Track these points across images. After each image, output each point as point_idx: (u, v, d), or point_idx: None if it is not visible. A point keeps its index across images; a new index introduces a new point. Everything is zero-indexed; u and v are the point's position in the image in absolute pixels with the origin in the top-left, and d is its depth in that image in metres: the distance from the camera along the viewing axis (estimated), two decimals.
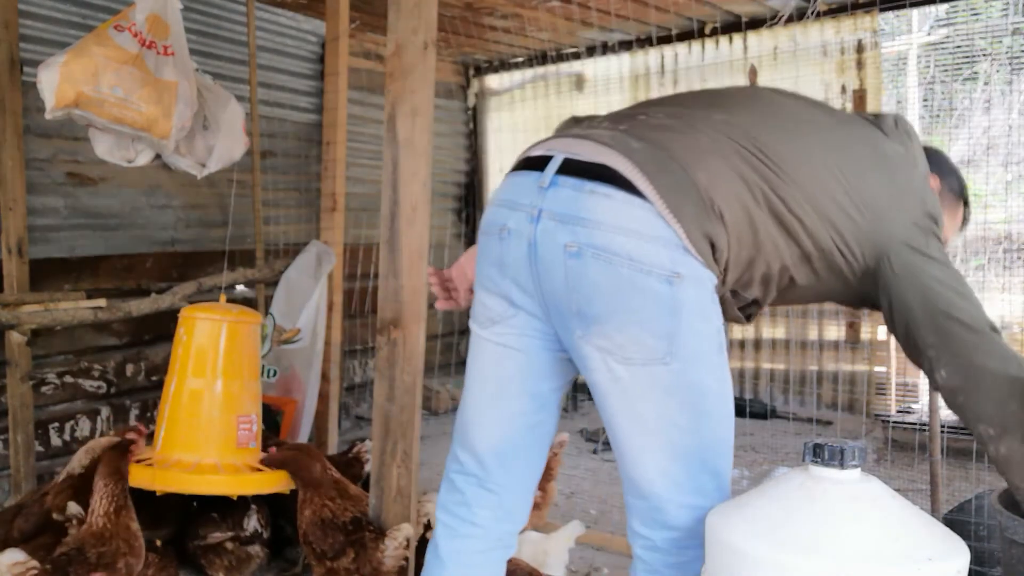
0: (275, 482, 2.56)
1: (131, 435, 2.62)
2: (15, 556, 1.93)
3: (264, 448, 2.73)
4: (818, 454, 1.33)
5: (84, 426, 3.59)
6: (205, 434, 2.56)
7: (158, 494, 2.46)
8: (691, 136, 1.44)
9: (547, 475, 2.93)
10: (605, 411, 1.50)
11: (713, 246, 1.40)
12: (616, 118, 1.57)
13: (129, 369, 3.77)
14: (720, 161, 1.41)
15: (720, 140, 1.44)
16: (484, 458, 1.65)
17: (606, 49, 5.66)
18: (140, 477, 2.43)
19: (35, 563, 1.94)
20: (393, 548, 2.24)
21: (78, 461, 2.53)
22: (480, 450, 1.64)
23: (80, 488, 2.44)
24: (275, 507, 2.80)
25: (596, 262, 1.37)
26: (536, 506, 2.90)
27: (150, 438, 2.66)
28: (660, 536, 1.49)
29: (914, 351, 1.53)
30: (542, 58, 5.72)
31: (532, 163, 1.50)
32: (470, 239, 6.09)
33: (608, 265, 1.37)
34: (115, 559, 2.07)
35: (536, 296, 1.48)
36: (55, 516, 2.34)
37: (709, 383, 1.44)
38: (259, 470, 2.57)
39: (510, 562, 2.27)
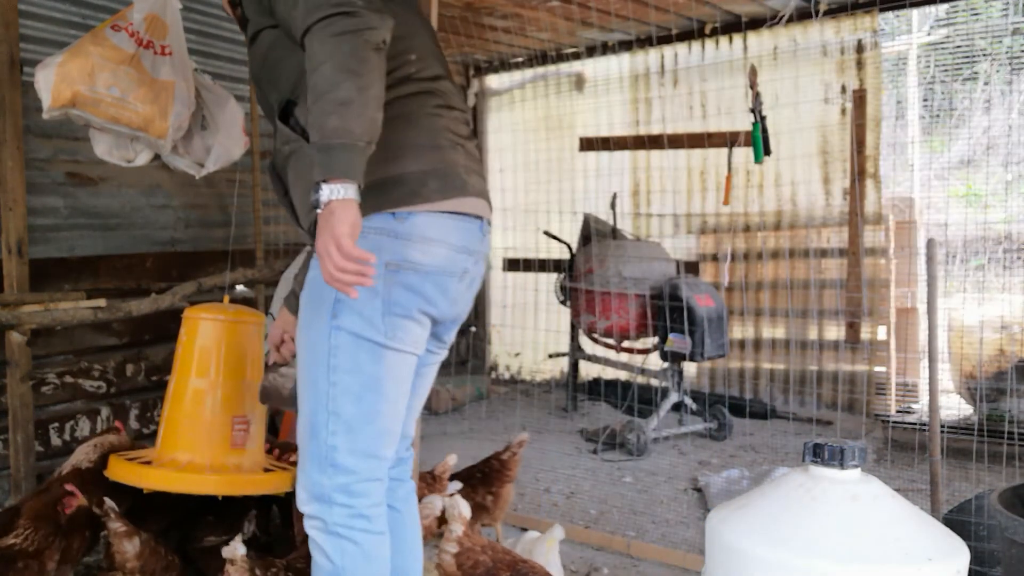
0: (266, 484, 2.54)
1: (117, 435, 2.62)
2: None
3: (269, 449, 2.72)
4: (818, 454, 1.34)
5: (84, 426, 3.59)
6: (201, 434, 2.55)
7: (144, 492, 2.45)
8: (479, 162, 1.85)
9: (505, 476, 2.88)
10: (423, 387, 1.93)
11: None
12: (469, 155, 1.78)
13: (129, 369, 3.77)
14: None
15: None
16: (399, 437, 1.83)
17: (606, 49, 5.66)
18: (127, 474, 2.43)
19: None
20: None
21: (85, 455, 2.51)
22: (399, 434, 1.82)
23: (89, 482, 2.43)
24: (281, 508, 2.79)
25: (479, 281, 1.85)
26: (486, 510, 2.84)
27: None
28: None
29: None
30: (542, 58, 5.71)
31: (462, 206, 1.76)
32: None
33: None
34: None
35: (449, 314, 1.78)
36: (94, 510, 2.32)
37: None
38: (252, 472, 2.56)
39: (526, 563, 2.24)
